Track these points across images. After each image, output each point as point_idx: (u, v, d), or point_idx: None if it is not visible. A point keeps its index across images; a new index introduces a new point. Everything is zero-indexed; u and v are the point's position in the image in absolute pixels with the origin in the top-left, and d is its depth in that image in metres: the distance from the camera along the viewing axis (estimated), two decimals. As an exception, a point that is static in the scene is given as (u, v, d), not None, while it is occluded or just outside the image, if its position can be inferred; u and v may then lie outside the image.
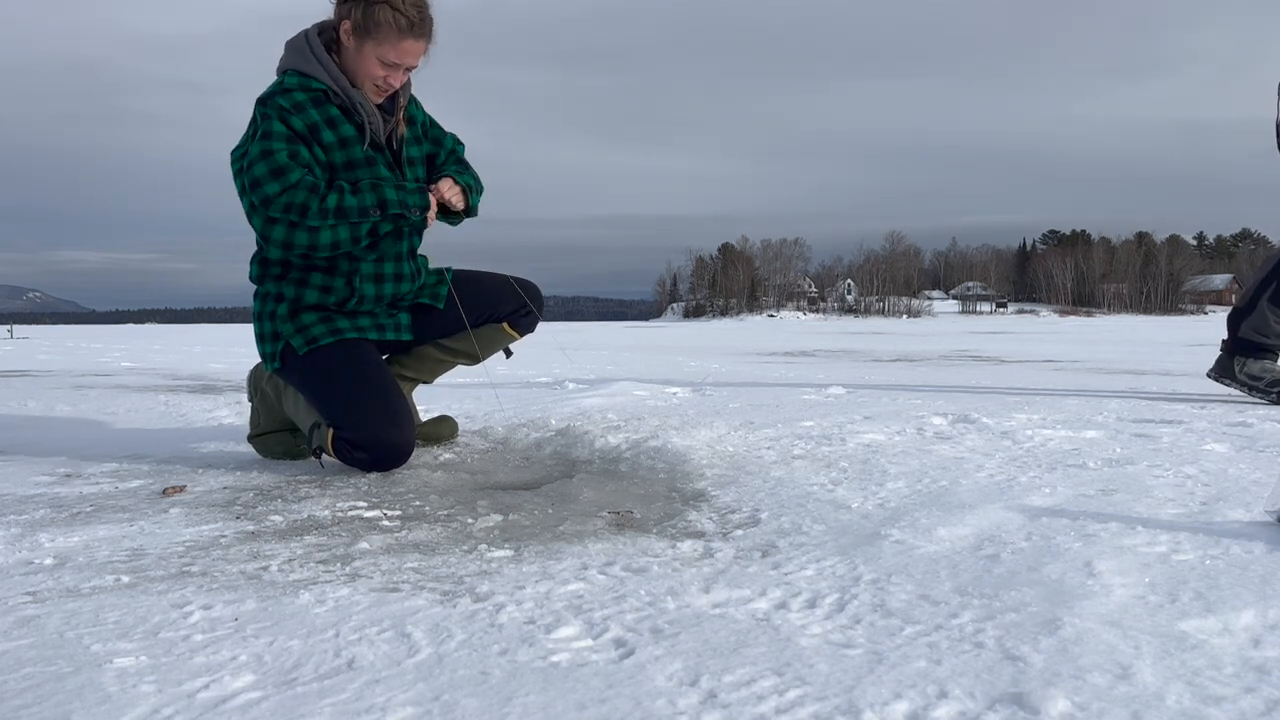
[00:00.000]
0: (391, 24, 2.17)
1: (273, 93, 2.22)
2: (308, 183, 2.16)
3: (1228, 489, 1.81)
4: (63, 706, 0.90)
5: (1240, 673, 0.95)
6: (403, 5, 2.18)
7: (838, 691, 0.92)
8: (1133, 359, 7.76)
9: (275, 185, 2.14)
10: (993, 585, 1.24)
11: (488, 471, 2.28)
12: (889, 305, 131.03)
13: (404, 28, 2.19)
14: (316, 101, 2.22)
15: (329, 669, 0.99)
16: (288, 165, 2.15)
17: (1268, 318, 3.47)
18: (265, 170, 2.15)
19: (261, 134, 2.17)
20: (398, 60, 2.22)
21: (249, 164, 2.17)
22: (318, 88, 2.22)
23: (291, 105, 2.19)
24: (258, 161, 2.15)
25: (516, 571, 1.37)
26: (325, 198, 2.17)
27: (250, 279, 2.38)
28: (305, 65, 2.23)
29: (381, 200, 2.20)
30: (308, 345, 2.29)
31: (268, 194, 2.14)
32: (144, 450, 2.66)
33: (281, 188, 2.14)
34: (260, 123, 2.19)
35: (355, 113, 2.25)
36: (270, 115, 2.18)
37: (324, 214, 2.16)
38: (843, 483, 1.95)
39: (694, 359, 8.44)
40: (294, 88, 2.21)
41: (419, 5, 2.21)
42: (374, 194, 2.20)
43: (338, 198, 2.17)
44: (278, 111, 2.19)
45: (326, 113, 2.22)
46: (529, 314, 2.58)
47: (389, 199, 2.21)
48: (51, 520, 1.76)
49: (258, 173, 2.15)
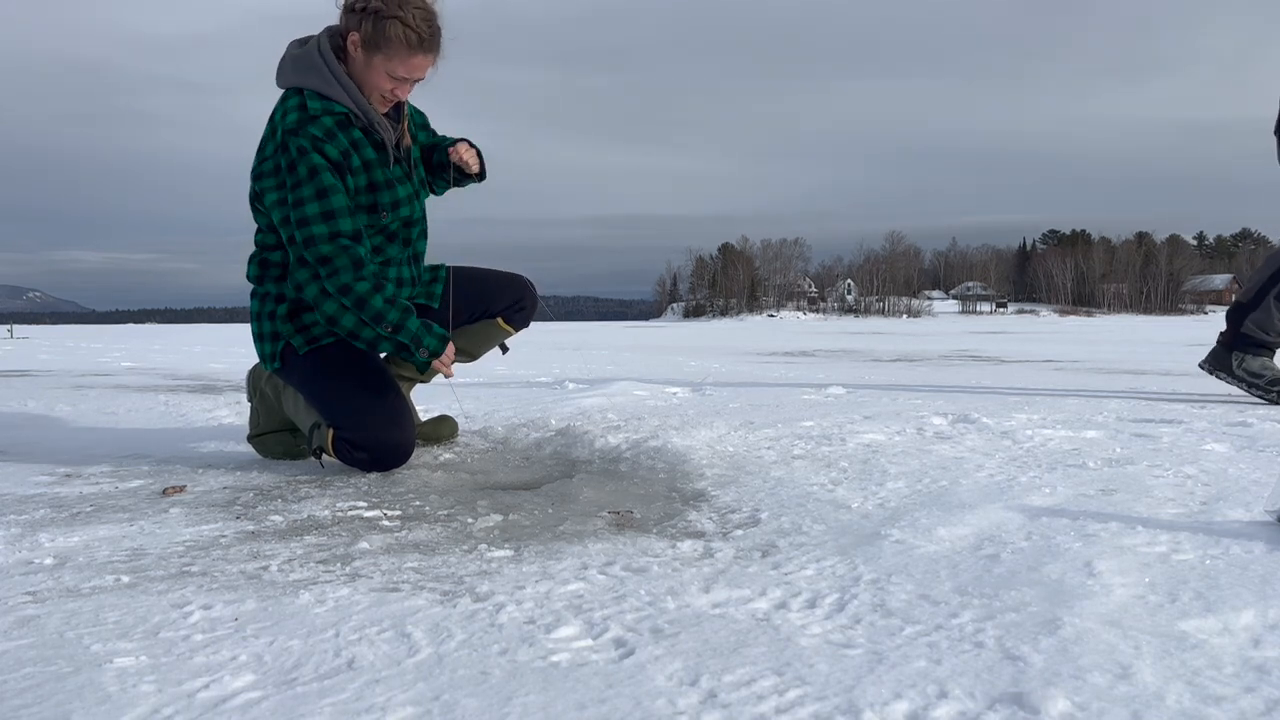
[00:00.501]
0: (402, 40, 2.14)
1: (301, 122, 2.16)
2: (354, 253, 2.14)
3: (1228, 489, 1.81)
4: (63, 706, 0.90)
5: (1240, 673, 0.95)
6: (413, 21, 2.14)
7: (838, 691, 0.92)
8: (1133, 359, 7.76)
9: (324, 228, 2.13)
10: (993, 585, 1.24)
11: (488, 471, 2.28)
12: (889, 305, 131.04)
13: (414, 43, 2.16)
14: (341, 125, 2.19)
15: (329, 669, 0.99)
16: (340, 210, 2.14)
17: (1273, 315, 3.42)
18: (317, 210, 2.13)
19: (308, 170, 2.13)
20: (406, 75, 2.20)
21: (298, 201, 2.13)
22: (340, 111, 2.19)
23: (324, 134, 2.16)
24: (310, 201, 2.13)
25: (516, 571, 1.37)
26: (359, 279, 2.14)
27: (248, 279, 2.38)
28: (325, 87, 2.18)
29: (401, 325, 2.18)
30: (308, 345, 2.29)
31: (313, 234, 2.13)
32: (144, 450, 2.66)
33: (329, 232, 2.13)
34: (298, 156, 2.14)
35: (373, 132, 2.24)
36: (306, 148, 2.14)
37: (345, 291, 2.14)
38: (843, 483, 1.95)
39: (694, 359, 8.44)
40: (319, 113, 2.17)
41: (429, 20, 2.18)
42: (400, 314, 2.18)
43: (369, 289, 2.15)
44: (312, 142, 2.14)
45: (351, 136, 2.21)
46: (523, 309, 2.59)
47: (408, 327, 2.19)
48: (51, 520, 1.76)
49: (309, 212, 2.13)
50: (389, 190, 2.27)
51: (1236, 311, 3.52)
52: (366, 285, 2.14)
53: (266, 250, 2.32)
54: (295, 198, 2.14)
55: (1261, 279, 3.51)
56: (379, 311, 2.15)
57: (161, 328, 53.08)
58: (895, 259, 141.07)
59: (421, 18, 2.16)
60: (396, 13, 2.13)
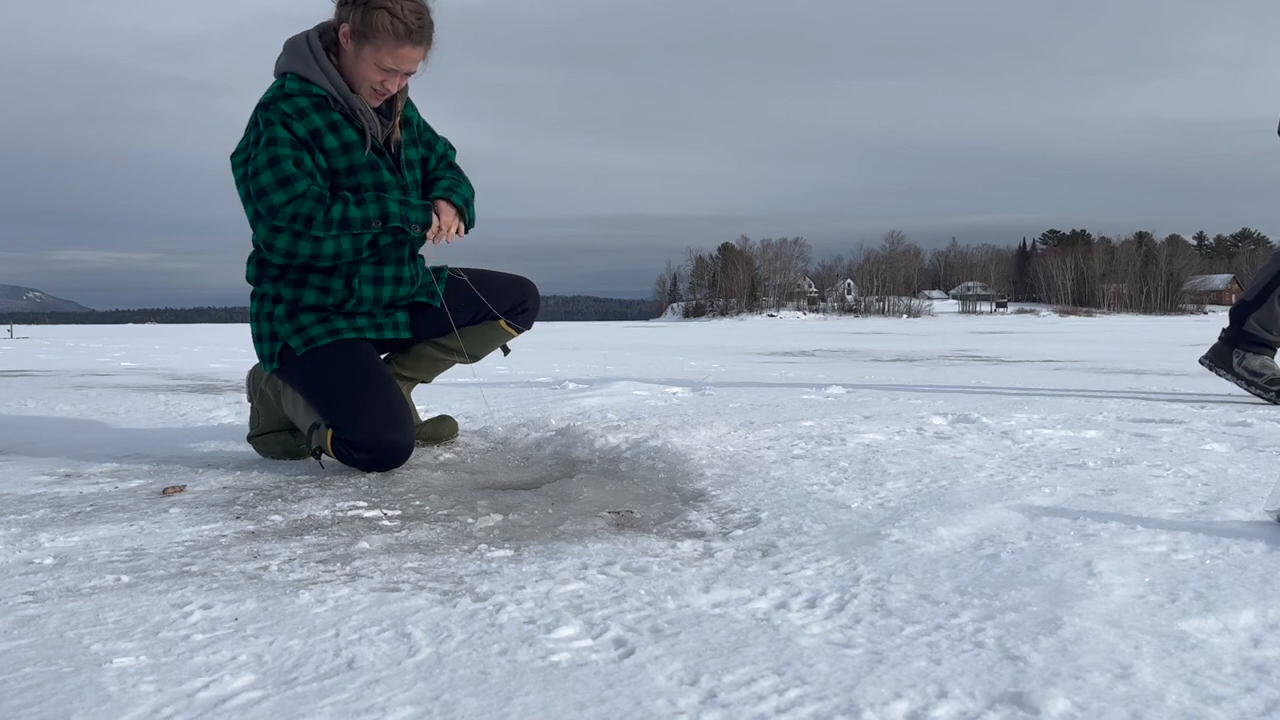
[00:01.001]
0: (389, 30, 2.17)
1: (274, 98, 2.21)
2: (314, 193, 2.16)
3: (1228, 489, 1.81)
4: (63, 706, 0.90)
5: (1240, 672, 0.95)
6: (401, 12, 2.17)
7: (838, 691, 0.92)
8: (1132, 359, 7.76)
9: (281, 194, 2.14)
10: (993, 585, 1.24)
11: (488, 471, 2.28)
12: (889, 305, 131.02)
13: (402, 34, 2.18)
14: (318, 107, 2.22)
15: (329, 669, 0.99)
16: (294, 174, 2.15)
17: (1276, 314, 3.41)
18: (271, 179, 2.14)
19: (266, 140, 2.16)
20: (395, 66, 2.21)
21: (254, 171, 2.16)
22: (319, 93, 2.22)
23: (294, 111, 2.19)
24: (264, 170, 2.15)
25: (516, 571, 1.37)
26: (330, 208, 2.16)
27: (247, 280, 2.38)
28: (306, 70, 2.22)
29: (384, 213, 2.20)
30: (306, 346, 2.29)
31: (273, 203, 2.14)
32: (144, 450, 2.66)
33: (288, 197, 2.14)
34: (263, 129, 2.18)
35: (355, 118, 2.25)
36: (273, 121, 2.17)
37: (328, 224, 2.16)
38: (843, 483, 1.95)
39: (694, 359, 8.44)
40: (295, 93, 2.21)
41: (418, 12, 2.20)
42: (377, 205, 2.20)
43: (342, 208, 2.17)
44: (280, 117, 2.18)
45: (328, 117, 2.22)
46: (525, 310, 2.59)
47: (390, 212, 2.21)
48: (51, 520, 1.76)
49: (264, 181, 2.15)
50: (372, 172, 2.27)
51: (1240, 309, 3.51)
52: (338, 207, 2.17)
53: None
54: (254, 168, 2.17)
55: (1266, 278, 3.49)
56: (357, 218, 2.18)
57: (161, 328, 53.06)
58: (895, 259, 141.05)
59: (410, 9, 2.19)
60: (385, 4, 2.16)
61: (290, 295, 2.31)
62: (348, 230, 2.18)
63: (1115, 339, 15.92)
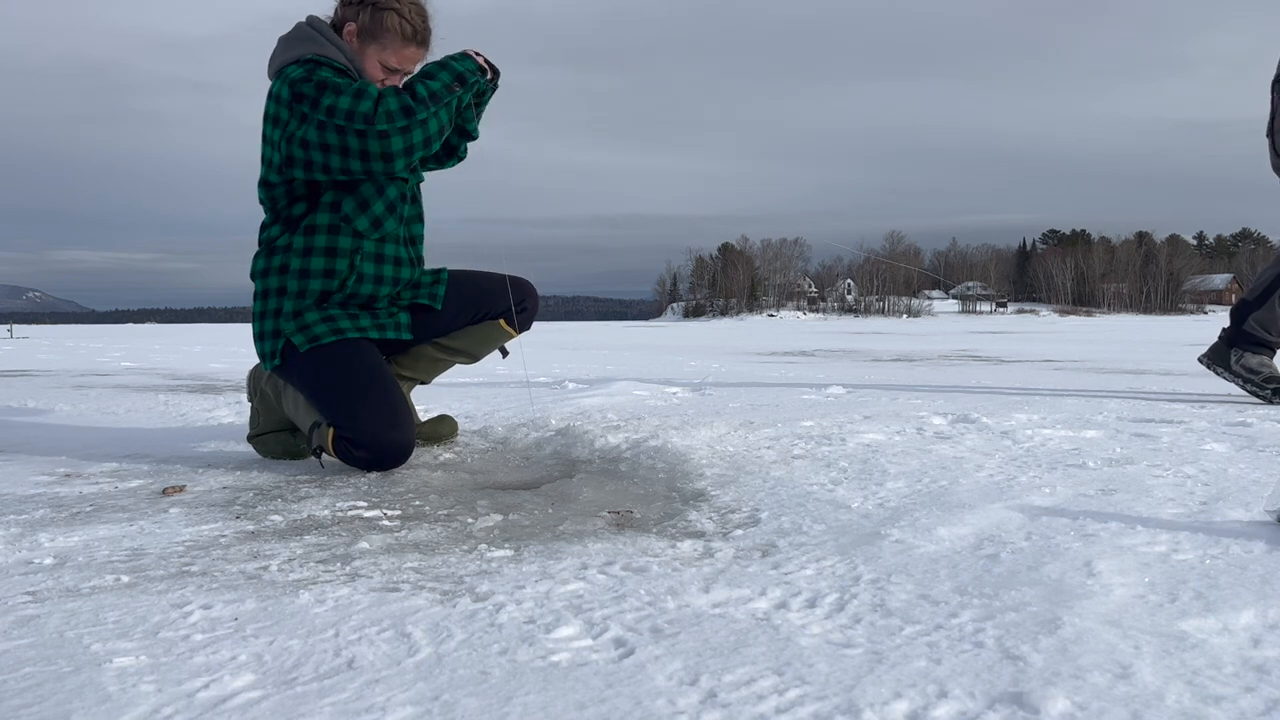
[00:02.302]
0: (397, 30, 2.25)
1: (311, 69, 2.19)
2: (388, 90, 2.15)
3: (1228, 489, 1.81)
4: (63, 706, 0.90)
5: (1240, 672, 0.95)
6: (409, 13, 2.26)
7: (838, 691, 0.92)
8: (1132, 359, 7.76)
9: (367, 103, 2.12)
10: (993, 585, 1.24)
11: (488, 471, 2.28)
12: (889, 305, 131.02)
13: (408, 35, 2.27)
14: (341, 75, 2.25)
15: (329, 669, 0.99)
16: (363, 88, 2.15)
17: (1277, 314, 3.43)
18: (349, 99, 2.12)
19: (317, 84, 2.14)
20: (398, 65, 2.29)
21: (327, 111, 2.12)
22: (339, 67, 2.26)
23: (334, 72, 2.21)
24: (335, 100, 2.12)
25: (516, 571, 1.37)
26: (413, 90, 2.15)
27: (252, 275, 2.37)
28: (322, 49, 2.26)
29: (456, 75, 2.19)
30: (309, 343, 2.29)
31: (364, 111, 2.11)
32: (144, 450, 2.66)
33: (373, 103, 2.12)
34: (318, 87, 2.14)
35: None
36: (325, 78, 2.16)
37: (422, 104, 2.15)
38: (843, 483, 1.95)
39: (694, 359, 8.44)
40: (324, 63, 2.23)
41: (423, 14, 2.29)
42: (445, 72, 2.19)
43: (424, 87, 2.16)
44: (331, 73, 2.19)
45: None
46: (524, 310, 2.59)
47: (460, 71, 2.20)
48: (51, 520, 1.76)
49: (343, 105, 2.12)
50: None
51: (1240, 308, 3.53)
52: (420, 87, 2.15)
53: (272, 242, 2.33)
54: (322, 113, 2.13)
55: (1268, 278, 3.51)
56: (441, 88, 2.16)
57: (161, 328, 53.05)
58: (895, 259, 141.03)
59: (416, 12, 2.28)
60: (393, 5, 2.25)
61: (297, 287, 2.30)
62: (439, 102, 2.17)
63: (1115, 339, 15.92)
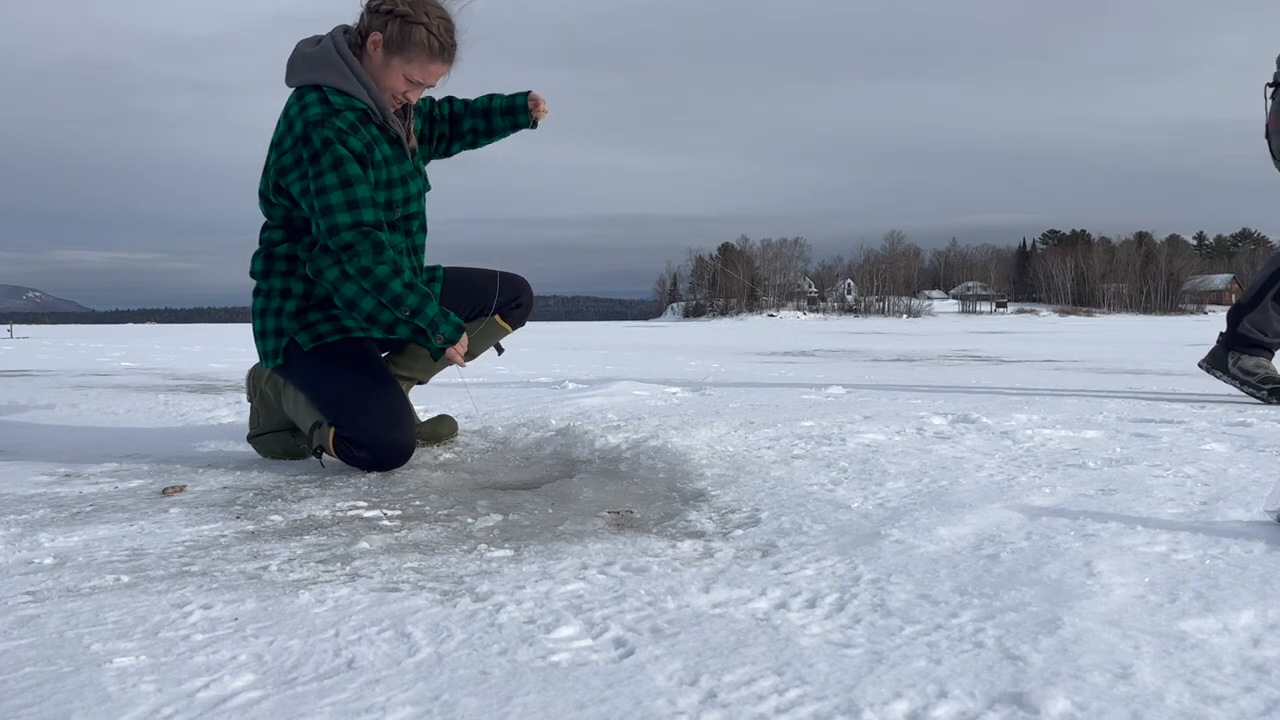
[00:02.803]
0: (425, 45, 2.22)
1: (326, 115, 2.18)
2: (375, 238, 2.16)
3: (1228, 489, 1.81)
4: (62, 706, 0.90)
5: (1240, 672, 0.95)
6: (438, 29, 2.22)
7: (838, 691, 0.92)
8: (1132, 359, 7.76)
9: (347, 216, 2.14)
10: (993, 585, 1.24)
11: (488, 471, 2.28)
12: (889, 305, 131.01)
13: (435, 50, 2.23)
14: (363, 120, 2.23)
15: (329, 669, 0.99)
16: (364, 200, 2.16)
17: (1270, 316, 3.47)
18: (341, 200, 2.15)
19: (332, 161, 2.15)
20: (423, 80, 2.27)
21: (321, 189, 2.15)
22: (360, 106, 2.23)
23: (347, 126, 2.19)
24: (334, 190, 2.15)
25: (516, 571, 1.37)
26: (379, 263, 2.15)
27: (252, 274, 2.37)
28: (345, 84, 2.22)
29: (419, 309, 2.19)
30: (314, 342, 2.30)
31: (337, 223, 2.14)
32: (144, 450, 2.66)
33: (352, 220, 2.14)
34: (323, 148, 2.16)
35: (389, 128, 2.29)
36: (332, 139, 2.16)
37: (364, 274, 2.15)
38: (843, 483, 1.95)
39: (694, 359, 8.44)
40: (342, 108, 2.21)
41: (451, 30, 2.26)
42: (418, 299, 2.18)
43: (389, 273, 2.16)
44: (337, 134, 2.17)
45: (370, 132, 2.24)
46: (519, 307, 2.61)
47: (426, 313, 2.19)
48: (51, 520, 1.76)
49: (332, 200, 2.15)
50: (403, 186, 2.32)
51: (1235, 312, 3.59)
52: (386, 269, 2.16)
53: (273, 246, 2.33)
54: (318, 186, 2.16)
55: (1261, 280, 3.57)
56: (398, 295, 2.17)
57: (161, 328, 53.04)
58: (895, 259, 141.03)
59: (445, 28, 2.24)
60: (423, 19, 2.21)
61: (301, 290, 2.31)
62: (379, 295, 2.16)
63: (1115, 339, 15.92)
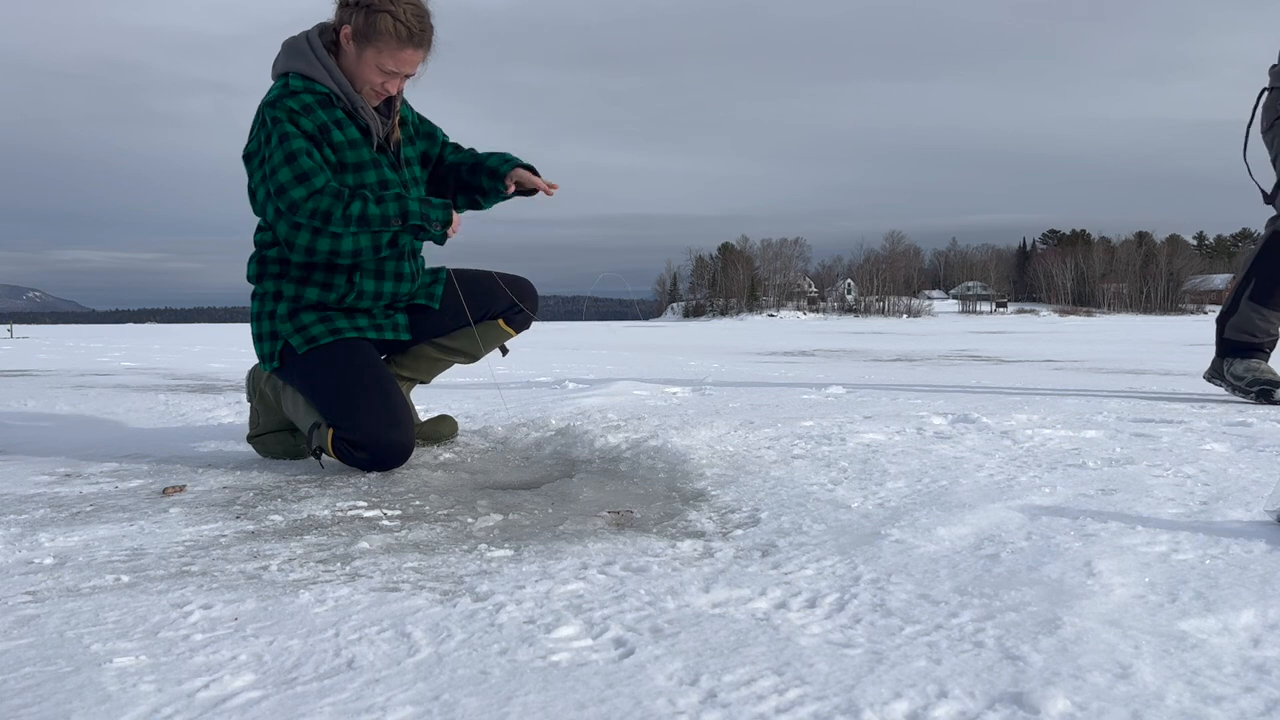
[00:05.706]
0: (392, 33, 2.20)
1: (280, 95, 2.22)
2: (332, 189, 2.17)
3: (1228, 489, 1.81)
4: (62, 706, 0.90)
5: (1240, 672, 0.95)
6: (404, 15, 2.21)
7: (838, 691, 0.92)
8: (1132, 359, 7.76)
9: (301, 190, 2.15)
10: (993, 585, 1.24)
11: (488, 471, 2.28)
12: (889, 305, 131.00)
13: (404, 37, 2.22)
14: (323, 104, 2.24)
15: (329, 668, 0.99)
16: (312, 169, 2.16)
17: (1251, 316, 3.53)
18: (289, 175, 2.15)
19: (279, 137, 2.17)
20: (396, 68, 2.25)
21: (271, 170, 2.17)
22: (322, 91, 2.24)
23: (300, 107, 2.20)
24: (281, 167, 2.16)
25: (516, 571, 1.37)
26: (349, 204, 2.17)
27: (248, 279, 2.38)
28: (309, 69, 2.24)
29: (404, 211, 2.20)
30: (307, 345, 2.30)
31: (293, 199, 2.15)
32: (144, 450, 2.66)
33: (307, 192, 2.15)
34: (273, 126, 2.19)
35: (358, 116, 2.28)
36: (281, 118, 2.18)
37: (347, 221, 2.16)
38: (843, 482, 1.95)
39: (694, 359, 8.44)
40: (300, 90, 2.22)
41: (420, 15, 2.24)
42: (397, 204, 2.20)
43: (361, 206, 2.17)
44: (287, 114, 2.19)
45: (333, 114, 2.25)
46: (523, 310, 2.60)
47: (411, 210, 2.21)
48: (51, 520, 1.76)
49: (281, 178, 2.16)
50: (356, 173, 2.28)
51: (1220, 320, 3.66)
52: (357, 204, 2.18)
53: (265, 248, 2.33)
54: (270, 166, 2.18)
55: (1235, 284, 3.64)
56: (380, 215, 2.18)
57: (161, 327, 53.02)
58: (895, 259, 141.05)
59: (412, 13, 2.23)
60: (387, 7, 2.20)
61: (292, 292, 2.31)
62: (367, 228, 2.18)
63: (1115, 339, 15.92)
